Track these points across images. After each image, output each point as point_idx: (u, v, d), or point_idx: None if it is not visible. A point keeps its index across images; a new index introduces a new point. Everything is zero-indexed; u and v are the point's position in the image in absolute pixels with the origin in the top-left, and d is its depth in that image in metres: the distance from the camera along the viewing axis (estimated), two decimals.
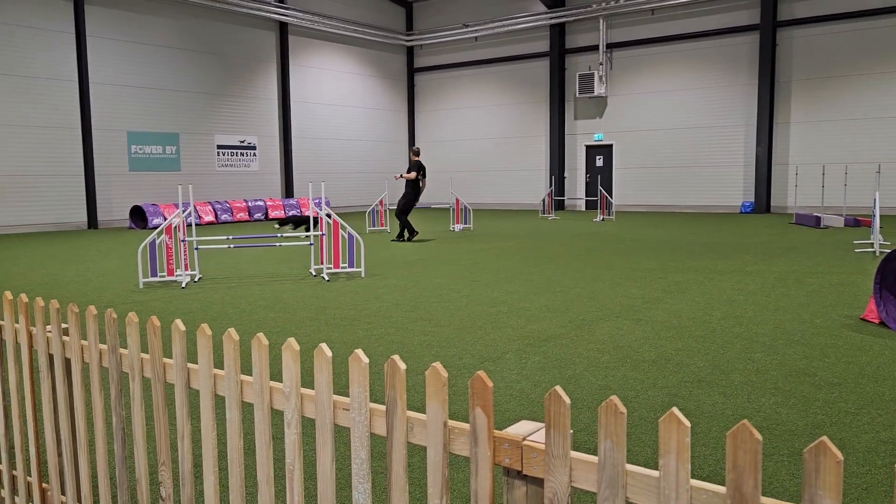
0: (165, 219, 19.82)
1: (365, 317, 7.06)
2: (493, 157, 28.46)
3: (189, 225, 20.31)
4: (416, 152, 14.57)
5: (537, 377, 4.90)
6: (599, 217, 20.89)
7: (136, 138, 21.27)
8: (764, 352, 5.49)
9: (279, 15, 24.07)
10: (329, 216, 10.19)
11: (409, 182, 14.52)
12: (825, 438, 1.17)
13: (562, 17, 25.36)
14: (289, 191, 25.49)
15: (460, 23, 28.27)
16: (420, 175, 14.44)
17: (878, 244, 12.00)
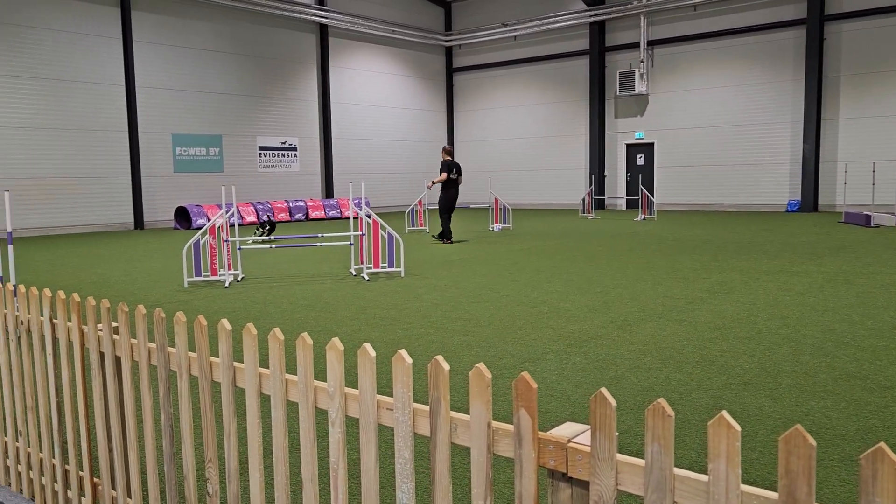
0: (209, 219, 20.19)
1: (405, 316, 7.09)
2: (533, 156, 28.32)
3: (232, 225, 20.65)
4: (446, 151, 14.52)
5: (578, 378, 4.86)
6: (640, 216, 20.63)
7: (181, 140, 21.70)
8: (812, 354, 5.36)
9: (319, 17, 24.32)
10: (369, 216, 10.26)
11: (443, 183, 14.50)
12: (883, 444, 1.13)
13: (602, 15, 25.13)
14: (329, 191, 25.74)
15: (499, 22, 28.21)
16: (452, 174, 14.32)
17: None
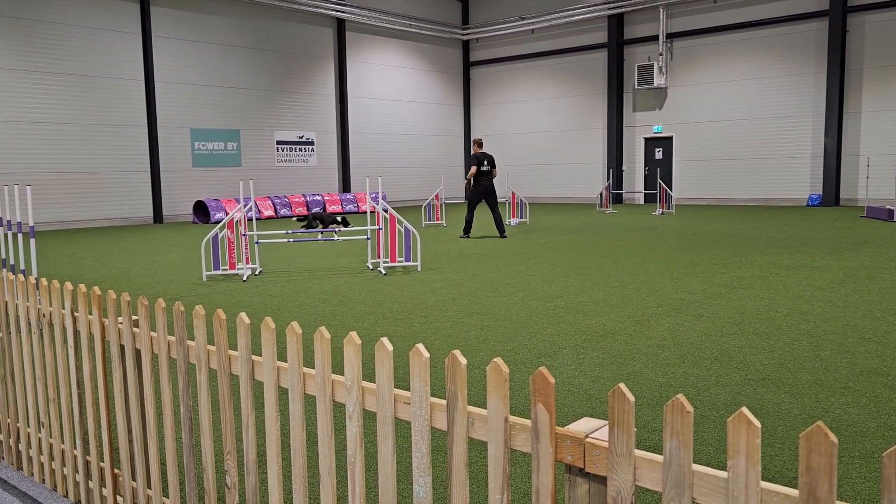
0: (227, 213, 20.32)
1: (421, 311, 7.10)
2: (550, 150, 28.21)
3: (250, 219, 20.77)
4: (476, 143, 14.36)
5: (596, 373, 4.85)
6: (659, 210, 20.50)
7: (199, 135, 21.84)
8: (833, 350, 5.30)
9: (337, 11, 24.35)
10: (386, 211, 10.27)
11: (474, 176, 14.26)
12: None
13: (620, 8, 24.93)
14: (346, 185, 25.80)
15: (516, 15, 28.08)
16: (483, 166, 14.09)
17: None
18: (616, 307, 7.06)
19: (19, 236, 6.39)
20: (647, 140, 25.80)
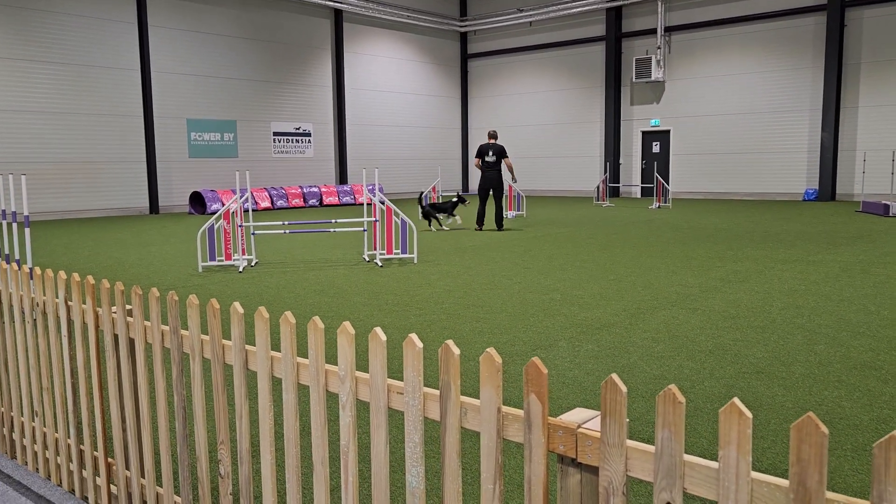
0: (223, 204, 20.28)
1: (417, 303, 7.10)
2: (547, 143, 28.19)
3: (246, 210, 20.73)
4: (488, 135, 14.39)
5: (590, 366, 4.86)
6: (655, 204, 20.51)
7: (196, 125, 21.77)
8: (827, 343, 5.32)
9: (334, 2, 24.24)
10: (382, 202, 10.26)
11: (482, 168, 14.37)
12: None
13: (618, 1, 24.87)
14: (343, 177, 25.76)
15: (514, 7, 28.00)
16: (486, 157, 14.09)
17: None
18: (611, 300, 7.07)
19: (14, 226, 6.37)
20: (644, 134, 25.79)
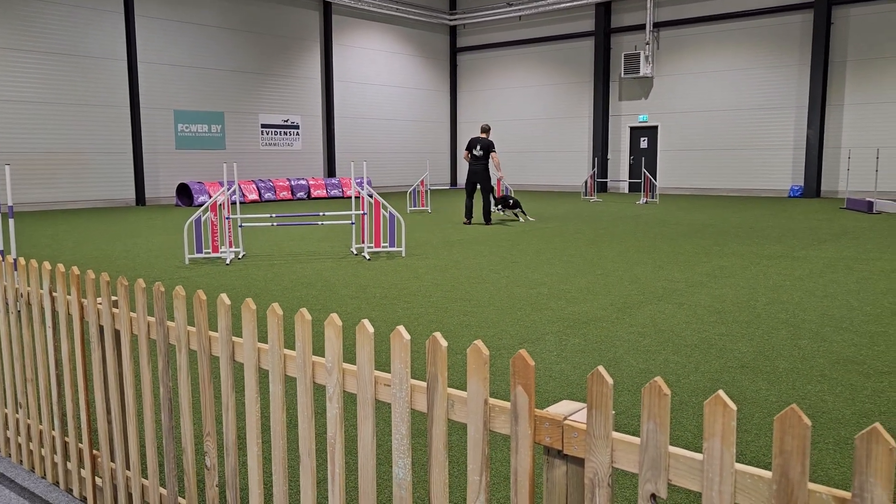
0: (210, 196, 20.16)
1: (405, 296, 7.10)
2: (536, 138, 28.21)
3: (233, 203, 20.63)
4: (481, 129, 14.48)
5: (577, 359, 4.88)
6: (643, 200, 20.59)
7: (183, 117, 21.62)
8: (810, 338, 5.37)
9: None
10: (371, 196, 10.24)
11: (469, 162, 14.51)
12: (878, 425, 1.14)
13: None
14: (331, 170, 25.67)
15: (504, 1, 27.96)
16: (473, 151, 14.21)
17: None
18: (598, 295, 7.10)
19: None
20: (632, 129, 25.86)
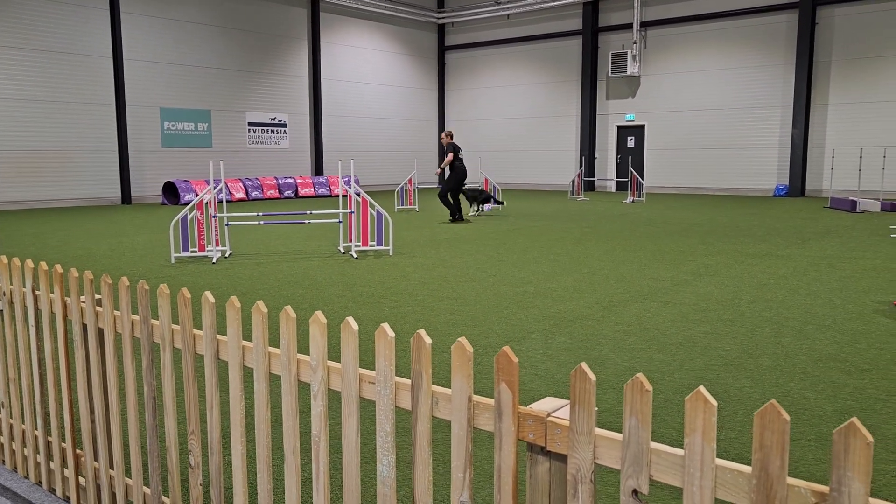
0: (197, 195, 20.06)
1: (392, 295, 7.10)
2: (523, 136, 28.26)
3: (220, 201, 20.52)
4: (450, 135, 14.66)
5: (563, 357, 4.90)
6: (630, 198, 20.68)
7: (169, 115, 21.49)
8: (793, 336, 5.41)
9: None
10: (358, 194, 10.22)
11: (451, 164, 14.60)
12: (855, 420, 1.15)
13: None
14: (318, 168, 25.60)
15: (492, 0, 27.98)
16: (458, 154, 14.48)
17: None
18: (584, 293, 7.12)
19: None
20: (619, 128, 25.97)
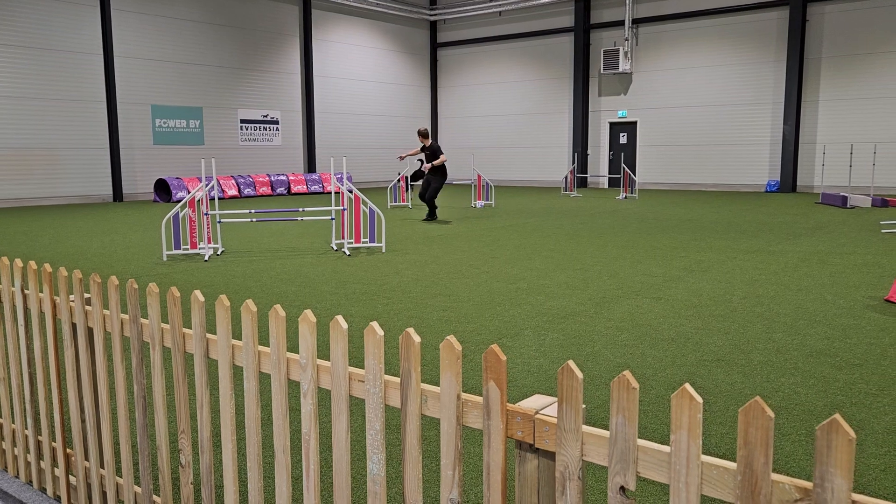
0: (189, 192, 19.99)
1: (385, 292, 7.10)
2: (516, 133, 28.26)
3: (212, 199, 20.46)
4: (425, 133, 13.97)
5: (555, 354, 4.91)
6: (622, 195, 20.72)
7: (161, 112, 21.40)
8: (785, 332, 5.44)
9: None
10: (351, 191, 10.21)
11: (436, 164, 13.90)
12: (837, 416, 1.16)
13: None
14: (311, 165, 25.55)
15: None
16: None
17: None
18: (577, 289, 7.14)
19: None
20: (611, 125, 25.99)
